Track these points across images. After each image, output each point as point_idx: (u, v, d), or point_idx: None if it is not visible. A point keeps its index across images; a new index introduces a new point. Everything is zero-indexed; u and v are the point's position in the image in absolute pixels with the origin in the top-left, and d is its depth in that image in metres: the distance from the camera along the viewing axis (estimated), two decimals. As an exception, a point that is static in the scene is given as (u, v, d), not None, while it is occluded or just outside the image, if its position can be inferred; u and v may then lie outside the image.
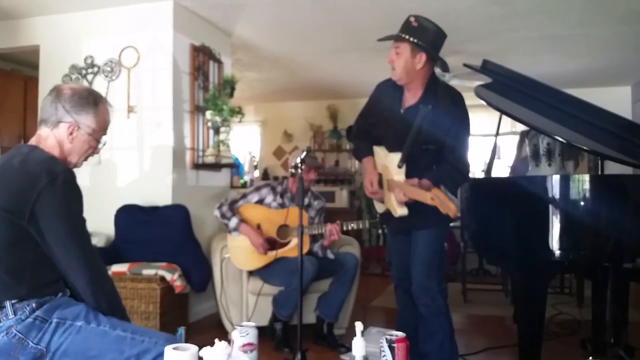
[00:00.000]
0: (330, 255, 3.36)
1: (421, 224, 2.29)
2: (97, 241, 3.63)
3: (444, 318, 2.32)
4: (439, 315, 2.31)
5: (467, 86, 4.18)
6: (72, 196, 1.52)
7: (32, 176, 1.47)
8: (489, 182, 2.87)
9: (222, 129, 4.03)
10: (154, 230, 3.56)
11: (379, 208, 2.52)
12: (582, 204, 2.26)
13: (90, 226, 1.59)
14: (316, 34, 4.61)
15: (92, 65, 4.00)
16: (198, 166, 4.03)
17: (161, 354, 1.43)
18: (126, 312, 1.65)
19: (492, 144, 3.00)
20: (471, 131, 2.34)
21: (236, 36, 4.61)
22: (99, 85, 3.93)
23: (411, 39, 2.20)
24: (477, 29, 4.41)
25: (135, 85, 3.90)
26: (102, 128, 1.67)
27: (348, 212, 6.59)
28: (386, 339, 1.51)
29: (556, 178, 2.33)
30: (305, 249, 3.13)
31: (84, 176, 3.85)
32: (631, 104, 6.44)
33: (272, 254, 3.24)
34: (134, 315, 3.21)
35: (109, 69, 3.95)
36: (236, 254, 3.35)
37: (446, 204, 1.88)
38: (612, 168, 2.51)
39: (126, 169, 3.92)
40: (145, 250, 3.48)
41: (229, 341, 1.44)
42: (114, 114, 3.82)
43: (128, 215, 3.64)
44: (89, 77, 4.00)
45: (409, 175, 2.22)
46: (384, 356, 1.51)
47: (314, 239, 3.36)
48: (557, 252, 2.24)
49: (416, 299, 2.34)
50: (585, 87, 6.05)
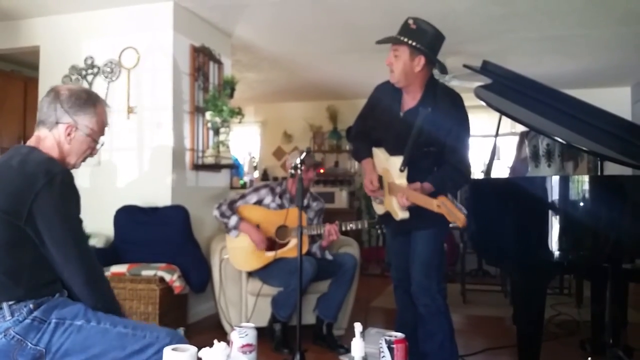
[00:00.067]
0: (329, 257, 3.36)
1: (421, 224, 2.28)
2: (97, 242, 3.63)
3: (443, 318, 2.32)
4: (438, 315, 2.31)
5: (466, 87, 4.19)
6: (70, 197, 1.52)
7: (30, 177, 1.47)
8: (488, 183, 2.87)
9: (222, 129, 4.03)
10: (154, 231, 3.56)
11: (378, 210, 2.51)
12: (581, 204, 2.26)
13: (90, 227, 1.59)
14: (316, 34, 4.61)
15: (92, 66, 4.00)
16: (198, 167, 4.03)
17: (163, 347, 1.44)
18: (122, 312, 1.64)
19: (492, 144, 3.00)
20: (471, 132, 2.34)
21: (236, 37, 4.61)
22: (99, 86, 3.93)
23: (410, 42, 2.20)
24: (476, 29, 4.41)
25: (135, 86, 3.90)
26: (100, 128, 1.68)
27: (347, 213, 6.59)
28: (385, 339, 1.51)
29: (556, 179, 2.33)
30: (304, 250, 3.13)
31: (83, 177, 3.85)
32: (631, 105, 6.44)
33: (271, 255, 3.24)
34: (133, 316, 3.20)
35: (109, 69, 3.95)
36: (235, 255, 3.35)
37: (454, 213, 1.85)
38: (612, 169, 2.51)
39: (126, 170, 3.92)
40: (145, 251, 3.48)
41: (228, 342, 1.44)
42: (113, 115, 3.84)
43: (127, 216, 3.64)
44: (89, 77, 4.00)
45: (410, 178, 2.21)
46: (383, 357, 1.51)
47: (312, 239, 3.36)
48: (557, 253, 2.24)
49: (416, 299, 2.34)
50: (585, 87, 6.06)
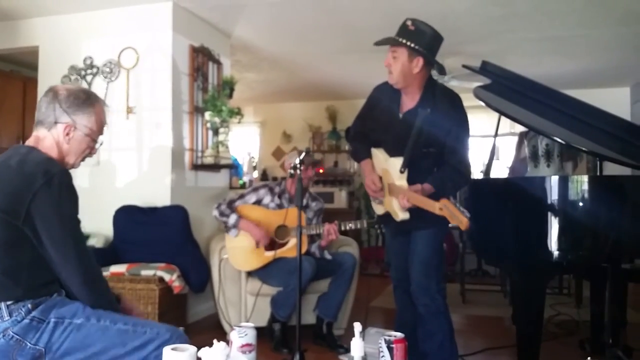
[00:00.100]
0: (328, 256, 3.36)
1: (421, 224, 2.28)
2: (96, 242, 3.62)
3: (443, 318, 2.32)
4: (438, 315, 2.31)
5: (466, 87, 4.19)
6: (68, 197, 1.52)
7: (29, 177, 1.47)
8: (487, 183, 2.87)
9: (221, 129, 4.03)
10: (153, 231, 3.56)
11: (378, 210, 2.51)
12: (580, 204, 2.26)
13: (89, 227, 1.59)
14: (315, 35, 4.61)
15: (92, 66, 4.00)
16: (197, 167, 4.03)
17: (164, 343, 1.44)
18: (139, 312, 1.65)
19: (491, 144, 3.01)
20: (470, 132, 2.34)
21: (235, 37, 4.61)
22: (98, 86, 3.92)
23: (408, 43, 2.19)
24: (476, 30, 4.41)
25: (135, 86, 3.90)
26: (99, 128, 1.68)
27: (347, 213, 6.59)
28: (385, 339, 1.51)
29: (555, 179, 2.33)
30: (304, 250, 3.13)
31: (82, 177, 3.85)
32: (630, 105, 6.44)
33: (271, 254, 3.24)
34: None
35: (108, 69, 3.95)
36: (234, 255, 3.35)
37: (457, 216, 1.84)
38: (611, 169, 2.51)
39: (125, 170, 3.92)
40: (144, 251, 3.48)
41: (227, 342, 1.44)
42: (112, 115, 3.84)
43: (127, 216, 3.64)
44: (88, 78, 4.00)
45: (410, 178, 2.21)
46: (382, 357, 1.50)
47: (312, 239, 3.36)
48: (556, 253, 2.24)
49: (415, 299, 2.34)
50: (584, 88, 6.06)
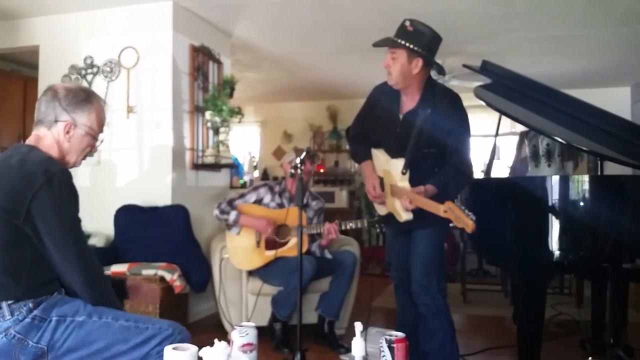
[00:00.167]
0: (328, 255, 3.36)
1: (422, 223, 2.27)
2: (97, 241, 3.62)
3: (444, 317, 2.32)
4: (439, 314, 2.31)
5: (466, 87, 4.19)
6: (68, 197, 1.52)
7: (29, 176, 1.47)
8: (488, 183, 2.87)
9: (222, 129, 4.03)
10: (154, 231, 3.56)
11: (380, 210, 2.51)
12: (581, 204, 2.27)
13: (90, 226, 1.59)
14: (316, 34, 4.61)
15: (92, 66, 4.00)
16: (197, 166, 4.03)
17: (166, 339, 1.45)
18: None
19: (492, 144, 3.01)
20: (471, 132, 2.34)
21: (236, 36, 4.61)
22: (99, 85, 3.92)
23: (407, 44, 2.19)
24: (476, 29, 4.41)
25: (135, 85, 3.90)
26: (98, 126, 1.68)
27: (348, 213, 6.59)
28: (386, 339, 1.51)
29: (556, 178, 2.33)
30: (304, 249, 3.13)
31: (83, 176, 3.85)
32: (630, 105, 6.44)
33: (271, 254, 3.24)
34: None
35: (108, 69, 3.95)
36: (235, 254, 3.35)
37: (462, 219, 1.84)
38: (612, 169, 2.51)
39: (126, 169, 3.92)
40: (145, 250, 3.48)
41: (228, 341, 1.44)
42: (113, 115, 3.85)
43: (128, 216, 3.64)
44: (89, 77, 4.00)
45: (411, 179, 2.20)
46: (383, 356, 1.51)
47: (312, 238, 3.36)
48: (557, 253, 2.24)
49: (416, 298, 2.34)
50: (585, 87, 6.06)
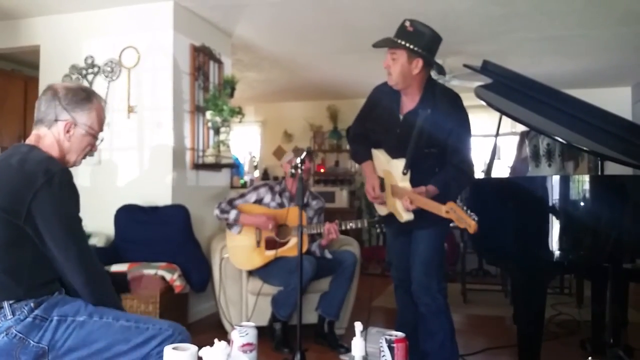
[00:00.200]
0: (328, 255, 3.36)
1: (422, 223, 2.27)
2: (97, 241, 3.63)
3: (444, 317, 2.32)
4: (439, 314, 2.31)
5: (467, 87, 4.19)
6: (69, 196, 1.52)
7: (30, 175, 1.47)
8: (489, 183, 2.87)
9: (222, 129, 4.03)
10: (154, 230, 3.56)
11: (381, 210, 2.51)
12: (581, 204, 2.26)
13: (90, 226, 1.59)
14: (316, 34, 4.61)
15: (93, 66, 4.00)
16: (198, 166, 4.03)
17: (166, 339, 1.45)
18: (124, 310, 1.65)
19: (492, 144, 3.01)
20: (472, 131, 2.34)
21: (236, 36, 4.61)
22: (99, 85, 3.93)
23: (407, 45, 2.18)
24: (476, 29, 4.41)
25: (136, 85, 3.90)
26: (98, 124, 1.68)
27: (348, 212, 6.59)
28: (386, 339, 1.51)
29: (556, 178, 2.33)
30: (304, 249, 3.13)
31: (84, 176, 3.85)
32: (631, 105, 6.44)
33: (271, 254, 3.24)
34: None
35: (109, 69, 3.95)
36: (235, 254, 3.35)
37: (464, 219, 1.84)
38: (612, 169, 2.51)
39: (126, 169, 3.92)
40: (145, 250, 3.48)
41: (228, 341, 1.44)
42: (114, 114, 3.85)
43: (128, 215, 3.64)
44: (89, 77, 4.00)
45: (412, 179, 2.20)
46: (383, 356, 1.51)
47: (312, 238, 3.36)
48: (557, 253, 2.24)
49: (416, 298, 2.34)
50: (585, 87, 6.06)
